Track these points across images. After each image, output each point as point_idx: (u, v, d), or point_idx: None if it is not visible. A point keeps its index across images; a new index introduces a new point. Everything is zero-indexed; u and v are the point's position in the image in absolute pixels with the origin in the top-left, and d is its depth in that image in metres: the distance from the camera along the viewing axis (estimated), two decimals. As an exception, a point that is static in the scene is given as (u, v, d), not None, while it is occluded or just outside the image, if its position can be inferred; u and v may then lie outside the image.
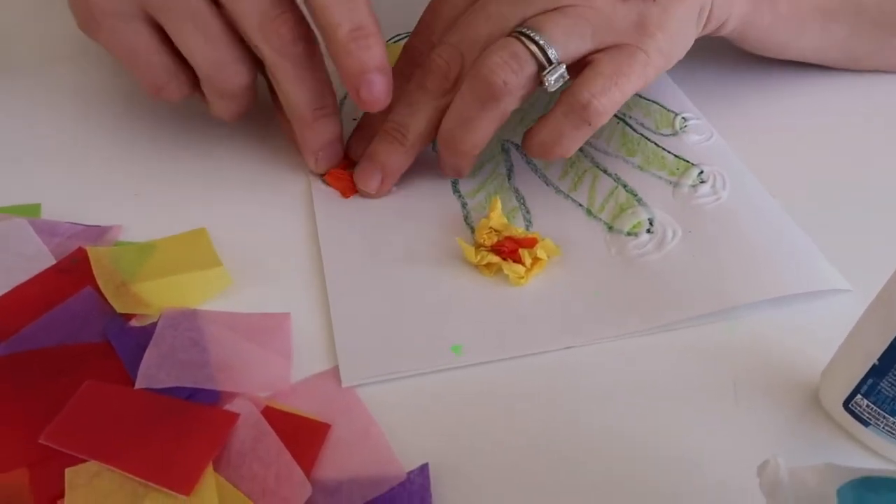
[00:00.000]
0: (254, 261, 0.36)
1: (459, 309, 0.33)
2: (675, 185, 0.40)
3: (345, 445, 0.29)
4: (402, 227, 0.37)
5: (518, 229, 0.36)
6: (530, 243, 0.35)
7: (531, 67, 0.34)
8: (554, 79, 0.34)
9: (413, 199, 0.39)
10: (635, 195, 0.39)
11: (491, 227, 0.36)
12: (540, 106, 0.45)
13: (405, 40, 0.40)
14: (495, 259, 0.35)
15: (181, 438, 0.28)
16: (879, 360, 0.26)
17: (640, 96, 0.46)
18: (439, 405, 0.30)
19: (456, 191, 0.40)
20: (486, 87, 0.34)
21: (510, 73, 0.34)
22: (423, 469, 0.28)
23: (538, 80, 0.35)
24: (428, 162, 0.41)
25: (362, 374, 0.31)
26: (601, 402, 0.30)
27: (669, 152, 0.42)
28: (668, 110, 0.45)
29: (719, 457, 0.29)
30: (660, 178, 0.40)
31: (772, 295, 0.33)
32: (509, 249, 0.35)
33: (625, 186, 0.40)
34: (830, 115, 0.46)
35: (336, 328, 0.32)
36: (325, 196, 0.39)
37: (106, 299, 0.33)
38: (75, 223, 0.38)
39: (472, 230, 0.37)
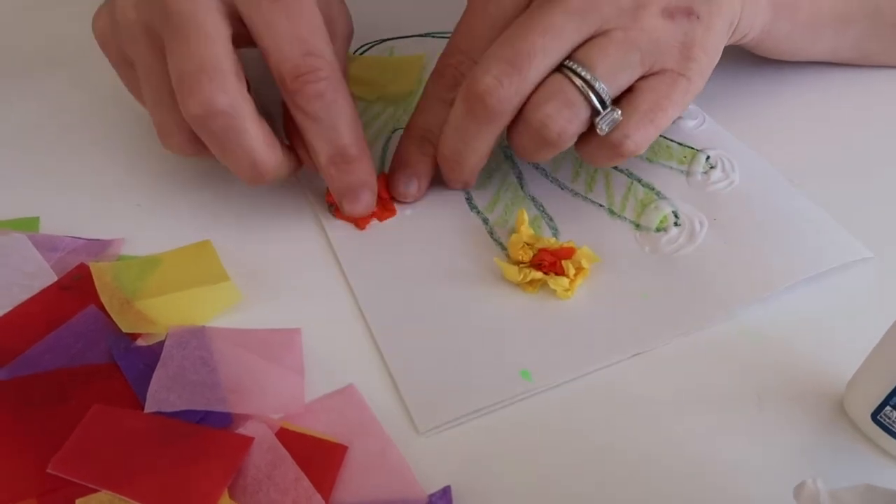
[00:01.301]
0: (258, 273, 0.35)
1: (515, 332, 0.32)
2: (687, 173, 0.40)
3: (363, 467, 0.28)
4: (429, 252, 0.36)
5: (549, 239, 0.36)
6: (569, 253, 0.35)
7: (585, 114, 0.33)
8: (607, 124, 0.33)
9: (432, 219, 0.38)
10: (653, 188, 0.39)
11: (524, 242, 0.35)
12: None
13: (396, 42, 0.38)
14: (539, 275, 0.34)
15: (195, 464, 0.27)
16: None
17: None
18: (461, 425, 0.30)
19: (473, 207, 0.38)
20: (539, 136, 0.33)
21: (566, 123, 0.33)
22: (446, 492, 0.27)
23: (590, 123, 0.33)
24: (435, 180, 0.40)
25: (439, 417, 0.29)
26: (625, 418, 0.30)
27: (673, 140, 0.42)
28: (657, 97, 0.45)
29: (744, 468, 0.28)
30: (670, 168, 0.40)
31: (810, 273, 0.34)
32: (549, 262, 0.34)
33: (639, 181, 0.39)
34: (835, 108, 0.45)
35: (395, 372, 0.31)
36: (341, 230, 0.37)
37: (110, 318, 0.32)
38: (76, 237, 0.36)
39: (501, 245, 0.36)
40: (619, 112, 0.33)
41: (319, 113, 0.33)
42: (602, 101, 0.32)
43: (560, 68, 0.33)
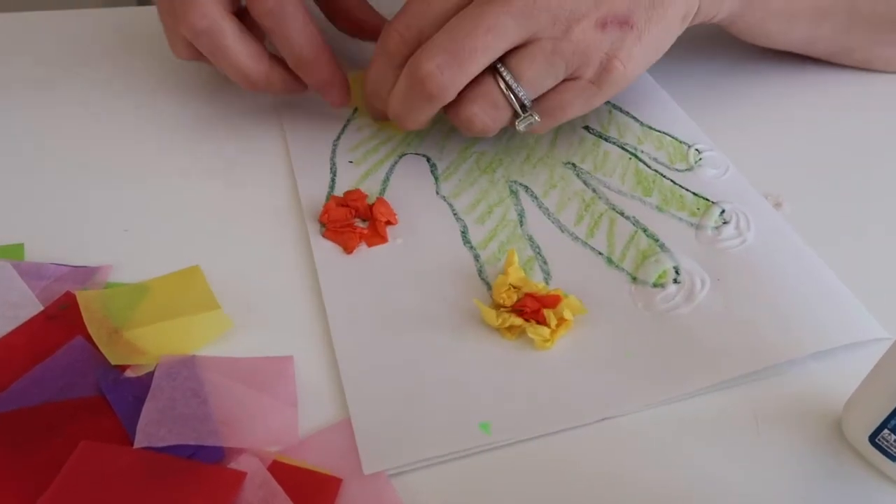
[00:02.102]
0: (248, 299, 0.35)
1: (483, 380, 0.31)
2: (698, 227, 0.37)
3: (357, 501, 0.27)
4: (413, 285, 0.35)
5: (538, 284, 0.34)
6: (554, 302, 0.33)
7: (507, 115, 0.38)
8: (524, 126, 0.38)
9: (421, 251, 0.37)
10: (657, 240, 0.37)
11: (510, 285, 0.34)
12: (545, 143, 0.43)
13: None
14: (518, 321, 0.32)
15: (186, 501, 0.26)
16: None
17: (651, 128, 0.44)
18: (458, 470, 0.29)
19: (466, 241, 0.37)
20: (465, 128, 0.38)
21: (489, 122, 0.38)
22: None
23: (512, 121, 0.38)
24: (435, 210, 0.39)
25: (386, 461, 0.28)
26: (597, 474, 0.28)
27: (688, 190, 0.40)
28: (681, 142, 0.43)
29: (740, 493, 0.28)
30: (680, 219, 0.38)
31: (812, 350, 0.31)
32: (532, 310, 0.33)
33: (645, 231, 0.37)
34: (820, 109, 0.47)
35: (352, 409, 0.30)
36: (327, 253, 0.36)
37: (98, 349, 0.31)
38: (62, 264, 0.35)
39: (488, 286, 0.35)
40: (537, 117, 0.38)
41: (273, 27, 0.39)
42: (523, 106, 0.37)
43: (492, 68, 0.36)
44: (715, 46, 0.46)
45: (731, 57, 0.50)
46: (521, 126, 0.38)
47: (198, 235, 0.38)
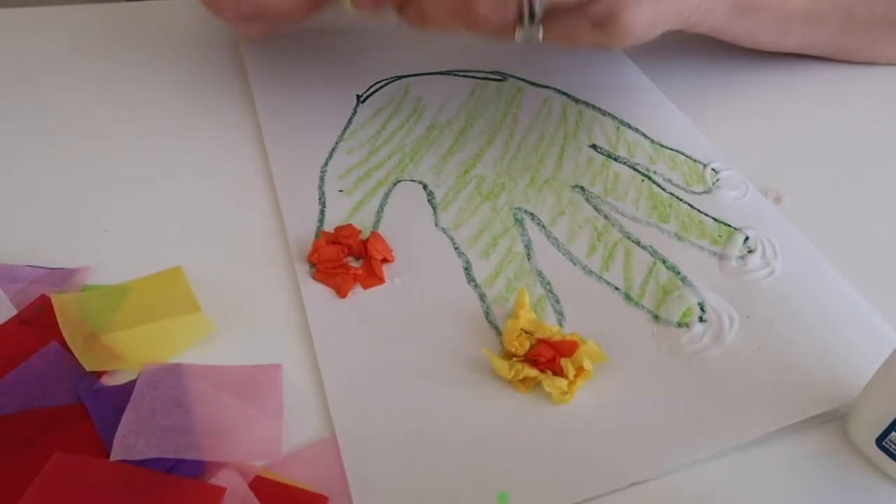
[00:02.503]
0: (233, 302, 0.33)
1: (498, 442, 0.28)
2: (721, 256, 0.35)
3: None
4: (414, 332, 0.32)
5: (552, 328, 0.31)
6: (571, 349, 0.30)
7: (511, 12, 0.34)
8: (522, 38, 0.35)
9: (421, 292, 0.33)
10: (678, 272, 0.34)
11: (521, 329, 0.31)
12: (550, 163, 0.40)
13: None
14: (533, 373, 0.29)
15: None
16: None
17: (662, 145, 0.41)
18: None
19: (471, 279, 0.34)
20: (462, 9, 0.34)
21: (490, 11, 0.34)
22: None
23: (512, 27, 0.35)
24: (434, 244, 0.36)
25: (392, 547, 0.25)
26: None
27: (707, 215, 0.37)
28: (695, 160, 0.40)
29: (744, 494, 0.27)
30: (702, 248, 0.35)
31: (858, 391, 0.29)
32: (547, 359, 0.30)
33: (664, 262, 0.34)
34: (819, 102, 0.45)
35: (352, 479, 0.27)
36: (319, 298, 0.33)
37: (73, 355, 0.30)
38: (37, 266, 0.34)
39: (497, 330, 0.32)
40: (541, 34, 0.35)
41: None
42: (532, 14, 0.34)
43: None
44: (710, 41, 0.44)
45: (726, 51, 0.48)
46: (519, 37, 0.35)
47: (179, 237, 0.36)
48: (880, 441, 0.26)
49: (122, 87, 0.46)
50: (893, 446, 0.26)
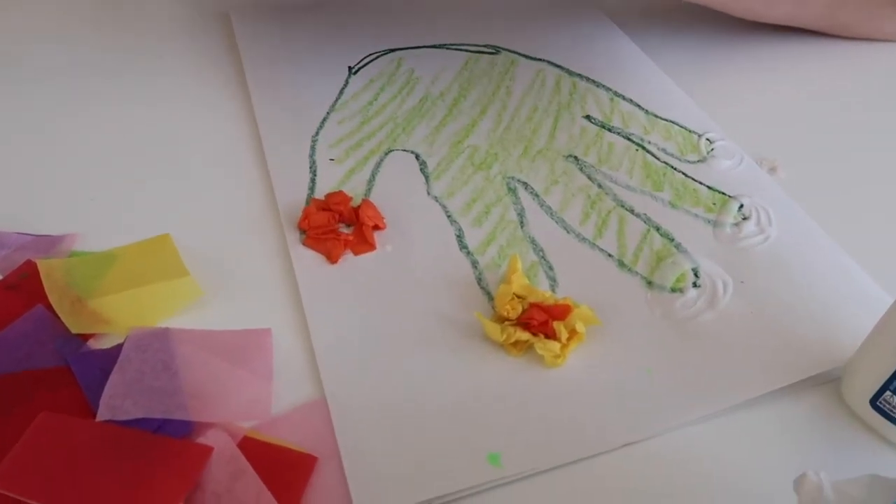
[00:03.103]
0: (223, 268, 0.33)
1: (490, 404, 0.27)
2: (715, 223, 0.34)
3: (334, 480, 0.25)
4: (406, 298, 0.31)
5: (544, 293, 0.31)
6: (563, 312, 0.30)
7: None
8: None
9: (413, 259, 0.33)
10: (672, 239, 0.34)
11: (513, 294, 0.30)
12: (543, 134, 0.40)
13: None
14: (525, 336, 0.29)
15: (148, 477, 0.25)
16: None
17: (657, 116, 0.41)
18: None
19: (463, 246, 0.34)
20: None
21: None
22: None
23: None
24: (427, 212, 0.35)
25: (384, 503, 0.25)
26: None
27: (702, 183, 0.36)
28: (690, 131, 0.40)
29: (737, 455, 0.26)
30: (696, 215, 0.35)
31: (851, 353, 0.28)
32: (539, 322, 0.29)
33: (657, 229, 0.34)
34: (812, 73, 0.45)
35: (343, 446, 0.26)
36: (309, 264, 0.33)
37: (59, 318, 0.30)
38: (24, 233, 0.34)
39: (489, 296, 0.32)
40: None
41: None
42: None
43: None
44: (704, 13, 0.44)
45: (721, 24, 0.48)
46: None
47: (169, 206, 0.36)
48: (874, 401, 0.26)
49: (111, 57, 0.46)
50: (887, 406, 0.26)
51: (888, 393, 0.26)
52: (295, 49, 0.46)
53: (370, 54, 0.46)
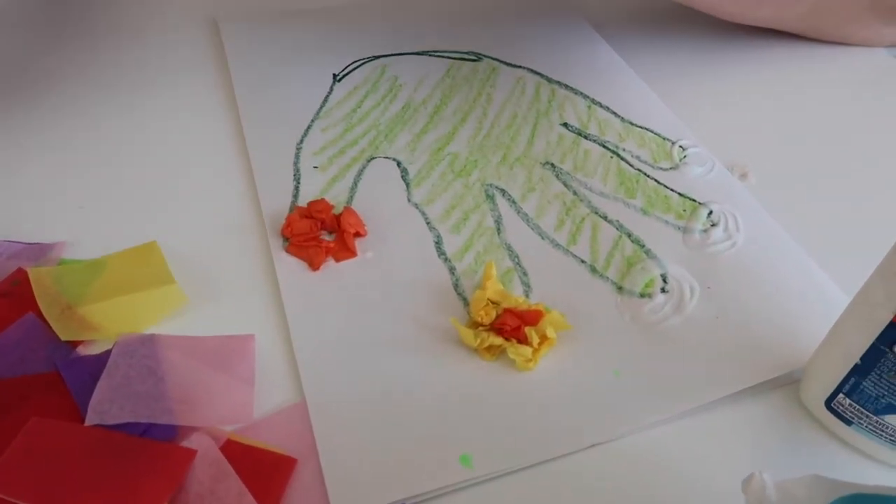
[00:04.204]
0: (210, 274, 0.34)
1: (462, 407, 0.29)
2: (685, 230, 0.35)
3: (313, 481, 0.27)
4: (384, 303, 0.32)
5: (518, 298, 0.32)
6: (535, 318, 0.31)
7: None
8: None
9: (392, 265, 0.34)
10: (642, 245, 0.35)
11: (488, 300, 0.32)
12: (522, 141, 0.41)
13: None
14: (498, 341, 0.30)
15: (133, 480, 0.26)
16: (861, 359, 0.25)
17: (632, 123, 0.42)
18: None
19: (441, 253, 0.35)
20: None
21: None
22: None
23: None
24: (407, 219, 0.36)
25: (359, 502, 0.26)
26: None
27: (673, 190, 0.37)
28: (664, 138, 0.41)
29: (699, 454, 0.28)
30: (666, 222, 0.36)
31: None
32: (512, 327, 0.30)
33: (629, 235, 0.35)
34: (784, 79, 0.46)
35: (321, 446, 0.27)
36: (292, 270, 0.34)
37: (49, 325, 0.31)
38: (14, 241, 0.35)
39: (465, 301, 0.33)
40: None
41: None
42: None
43: None
44: (679, 20, 0.45)
45: (698, 30, 0.49)
46: None
47: (156, 213, 0.37)
48: (828, 403, 0.27)
49: (99, 64, 0.47)
50: (841, 408, 0.27)
51: (841, 395, 0.27)
52: (282, 56, 0.47)
53: (355, 61, 0.47)
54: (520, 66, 0.46)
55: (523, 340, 0.30)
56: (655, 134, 0.41)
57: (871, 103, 0.44)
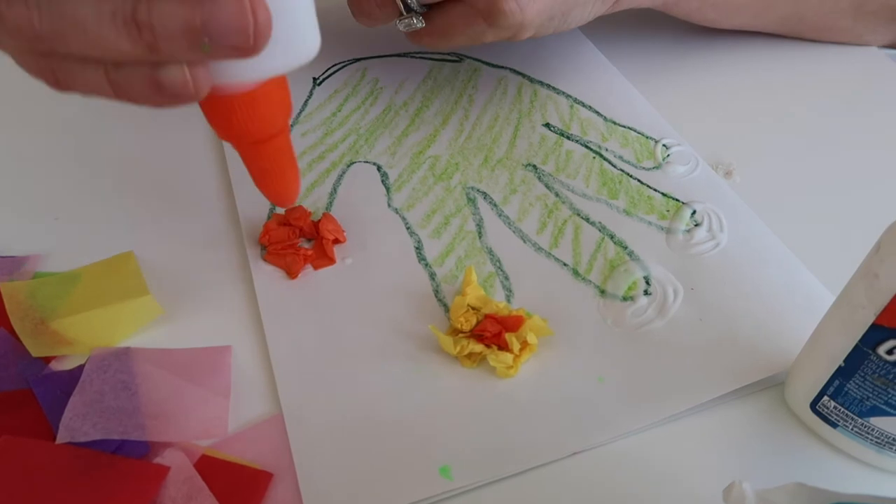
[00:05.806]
0: (188, 284, 0.34)
1: (442, 417, 0.28)
2: (668, 230, 0.35)
3: (289, 497, 0.26)
4: (364, 311, 0.32)
5: (499, 304, 0.31)
6: (516, 324, 0.30)
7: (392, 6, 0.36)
8: (403, 27, 0.37)
9: (372, 272, 0.34)
10: (625, 247, 0.34)
11: (468, 306, 0.31)
12: (504, 142, 0.40)
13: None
14: (478, 348, 0.30)
15: (105, 497, 0.25)
16: (845, 361, 0.25)
17: (615, 123, 0.41)
18: None
19: (421, 258, 0.34)
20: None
21: (374, 7, 0.36)
22: None
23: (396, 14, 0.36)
24: (387, 224, 0.36)
25: (335, 519, 0.25)
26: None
27: (656, 190, 0.37)
28: (647, 137, 0.40)
29: (685, 459, 0.27)
30: (649, 223, 0.35)
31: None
32: (492, 334, 0.30)
33: (612, 237, 0.35)
34: (767, 77, 0.46)
35: (297, 456, 0.27)
36: (269, 279, 0.33)
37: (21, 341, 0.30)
38: None
39: (445, 307, 0.32)
40: (419, 23, 0.36)
41: None
42: (407, 6, 0.36)
43: None
44: (664, 17, 0.44)
45: (681, 29, 0.48)
46: (400, 26, 0.37)
47: (132, 223, 0.37)
48: (813, 405, 0.27)
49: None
50: (825, 410, 0.27)
51: (826, 398, 0.26)
52: (260, 61, 0.46)
53: (335, 64, 0.46)
54: (502, 67, 0.46)
55: (504, 347, 0.30)
56: (639, 133, 0.41)
57: (856, 101, 0.44)
